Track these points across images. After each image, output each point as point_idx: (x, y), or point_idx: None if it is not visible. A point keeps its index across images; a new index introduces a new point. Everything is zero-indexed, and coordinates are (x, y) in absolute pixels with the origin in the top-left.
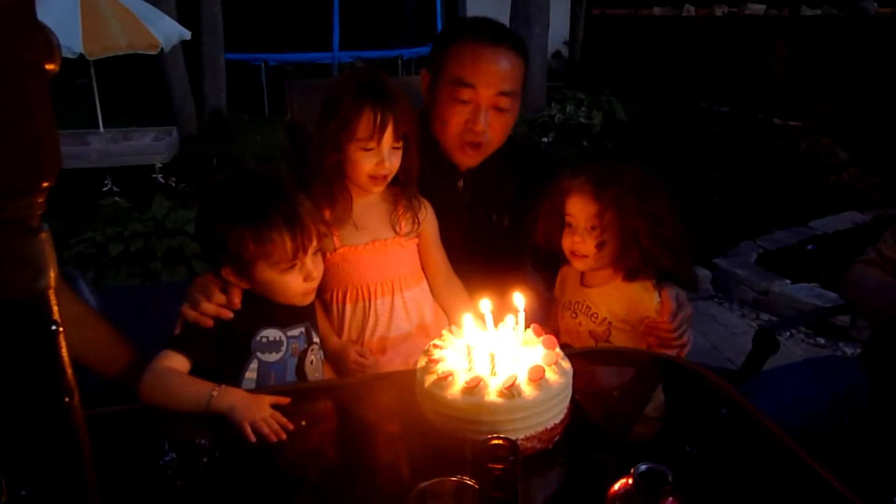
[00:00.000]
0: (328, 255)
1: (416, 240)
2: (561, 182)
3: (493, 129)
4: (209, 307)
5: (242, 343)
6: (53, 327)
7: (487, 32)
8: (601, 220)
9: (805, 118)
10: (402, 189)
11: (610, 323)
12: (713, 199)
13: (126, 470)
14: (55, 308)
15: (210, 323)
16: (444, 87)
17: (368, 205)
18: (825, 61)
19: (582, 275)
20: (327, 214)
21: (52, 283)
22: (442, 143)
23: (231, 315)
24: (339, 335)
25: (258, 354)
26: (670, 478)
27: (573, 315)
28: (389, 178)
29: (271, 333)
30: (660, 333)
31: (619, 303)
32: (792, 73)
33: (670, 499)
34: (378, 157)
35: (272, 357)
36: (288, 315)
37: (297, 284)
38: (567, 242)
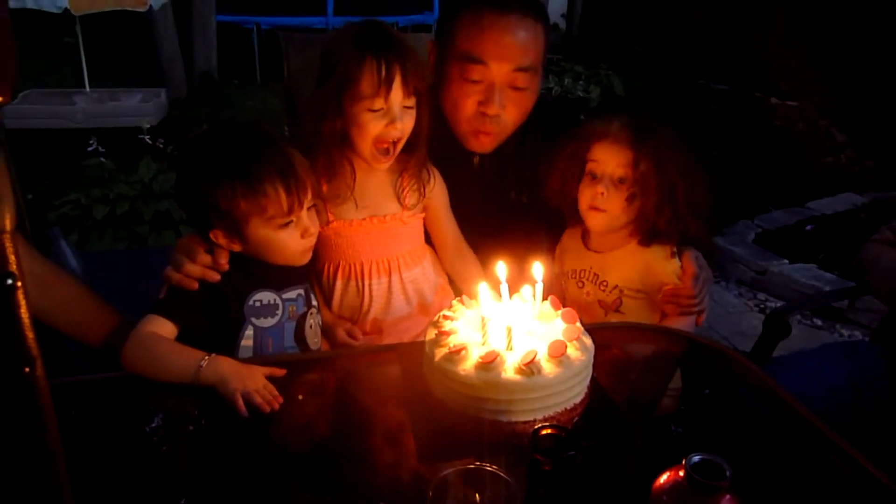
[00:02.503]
0: (321, 227)
1: (422, 214)
2: (587, 126)
3: (509, 112)
4: (194, 269)
5: (235, 308)
6: (10, 281)
7: None
8: (634, 171)
9: (803, 99)
10: (409, 156)
11: (622, 291)
12: (711, 177)
13: (112, 435)
14: (12, 258)
15: (195, 285)
16: (453, 63)
17: (371, 175)
18: (823, 42)
19: (586, 240)
20: (325, 189)
21: (9, 225)
22: (453, 127)
23: (218, 277)
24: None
25: (252, 320)
26: (728, 473)
27: (579, 284)
28: (400, 147)
29: (265, 296)
30: (680, 300)
31: (635, 269)
32: (790, 53)
33: (727, 496)
34: (388, 117)
35: (267, 322)
36: (283, 277)
37: (294, 242)
38: (587, 194)
